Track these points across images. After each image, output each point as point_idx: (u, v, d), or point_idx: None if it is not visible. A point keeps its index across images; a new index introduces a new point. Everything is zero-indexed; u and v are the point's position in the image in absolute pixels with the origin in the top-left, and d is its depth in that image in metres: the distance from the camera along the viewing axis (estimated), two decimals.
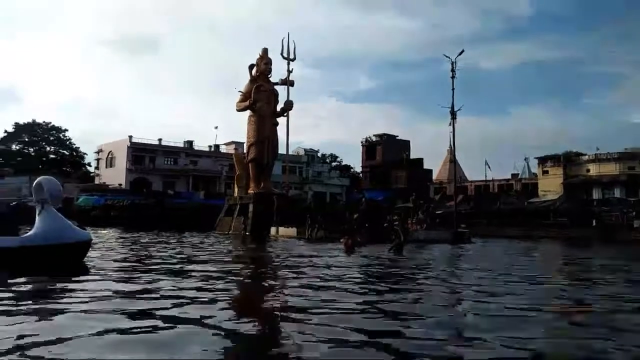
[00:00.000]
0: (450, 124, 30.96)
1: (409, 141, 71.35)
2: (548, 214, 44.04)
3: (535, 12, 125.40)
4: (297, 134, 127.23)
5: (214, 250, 15.14)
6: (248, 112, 30.77)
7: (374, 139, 70.31)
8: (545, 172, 54.10)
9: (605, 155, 50.61)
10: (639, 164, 46.89)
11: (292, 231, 23.66)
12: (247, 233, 26.03)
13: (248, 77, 30.85)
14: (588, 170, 51.47)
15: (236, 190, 31.16)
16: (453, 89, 28.56)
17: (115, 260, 10.70)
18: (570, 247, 24.34)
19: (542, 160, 54.76)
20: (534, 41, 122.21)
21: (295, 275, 9.01)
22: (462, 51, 29.29)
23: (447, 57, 29.04)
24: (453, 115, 28.57)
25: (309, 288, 7.30)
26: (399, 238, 15.21)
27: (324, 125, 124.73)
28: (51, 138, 71.23)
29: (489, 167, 77.41)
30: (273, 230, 25.12)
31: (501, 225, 41.73)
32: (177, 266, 10.03)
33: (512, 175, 62.04)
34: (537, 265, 14.05)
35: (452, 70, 28.64)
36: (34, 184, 8.80)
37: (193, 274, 8.75)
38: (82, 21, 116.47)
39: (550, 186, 51.39)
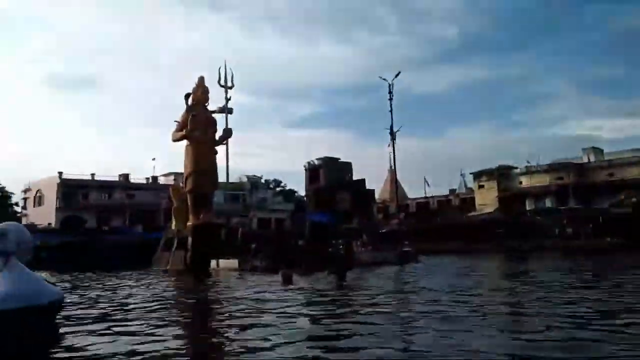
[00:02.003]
0: (389, 145, 31.46)
1: (350, 163, 71.83)
2: (486, 226, 45.43)
3: (463, 35, 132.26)
4: (240, 162, 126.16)
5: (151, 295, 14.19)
6: (185, 142, 29.81)
7: (316, 162, 70.47)
8: (481, 187, 56.20)
9: (536, 167, 53.33)
10: (566, 174, 49.61)
11: (233, 263, 22.83)
12: (184, 268, 24.88)
13: (184, 107, 30.00)
14: (520, 183, 53.96)
15: (174, 223, 29.88)
16: (391, 110, 29.17)
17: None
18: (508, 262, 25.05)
19: (477, 175, 56.91)
20: (464, 63, 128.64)
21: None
22: (399, 73, 30.08)
23: (383, 79, 29.63)
24: (392, 135, 29.07)
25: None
26: (341, 263, 14.93)
27: (267, 153, 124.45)
28: None
29: (428, 184, 79.58)
30: (213, 263, 24.15)
31: (443, 240, 42.59)
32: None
33: (450, 190, 64.09)
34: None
35: (390, 92, 29.25)
36: None
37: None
38: (11, 60, 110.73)
39: (487, 200, 53.40)
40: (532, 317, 7.52)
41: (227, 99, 31.23)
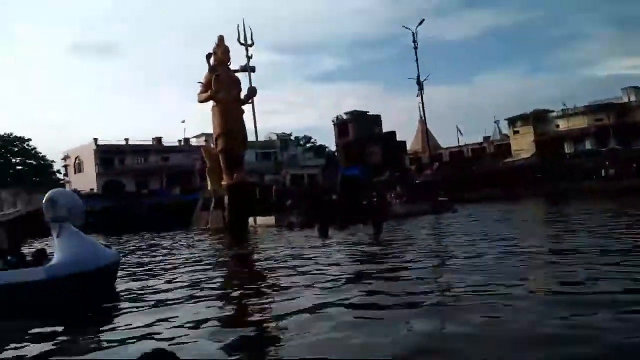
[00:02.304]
0: (418, 95, 30.74)
1: (380, 116, 70.94)
2: (524, 172, 44.41)
3: None
4: (268, 120, 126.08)
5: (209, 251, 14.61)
6: (212, 103, 29.87)
7: (345, 117, 69.75)
8: (516, 133, 54.63)
9: (573, 110, 51.30)
10: (606, 116, 47.58)
11: (270, 220, 23.18)
12: (223, 226, 25.46)
13: (207, 68, 29.88)
14: (558, 127, 52.15)
15: (209, 184, 30.39)
16: (417, 60, 28.26)
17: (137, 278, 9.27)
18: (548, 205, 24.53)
19: (512, 121, 55.22)
20: (491, 7, 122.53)
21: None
22: (423, 21, 29.00)
23: (407, 28, 28.60)
24: (420, 85, 28.31)
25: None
26: (377, 215, 14.89)
27: (294, 110, 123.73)
28: (15, 149, 68.71)
29: (461, 133, 77.78)
30: (251, 220, 24.60)
31: (479, 188, 41.95)
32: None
33: (484, 138, 62.58)
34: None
35: (414, 41, 28.26)
36: (45, 200, 7.37)
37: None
38: (37, 28, 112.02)
39: (523, 145, 51.96)
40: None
41: (249, 58, 30.79)
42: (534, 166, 44.38)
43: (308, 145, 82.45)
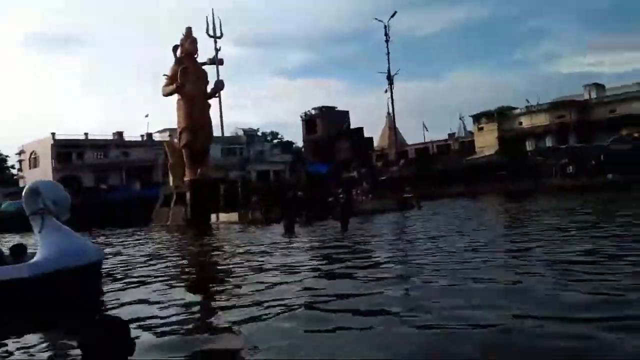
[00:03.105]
0: (386, 90, 30.61)
1: (347, 111, 71.09)
2: (486, 169, 45.05)
3: None
4: (235, 115, 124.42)
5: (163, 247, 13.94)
6: (177, 96, 28.93)
7: (312, 112, 69.45)
8: (480, 129, 55.42)
9: (536, 107, 52.34)
10: (568, 112, 48.73)
11: (233, 216, 22.56)
12: (184, 223, 24.68)
13: (173, 60, 28.92)
14: (521, 123, 53.15)
15: (171, 179, 29.44)
16: (388, 53, 28.14)
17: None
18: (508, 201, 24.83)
19: (477, 118, 55.99)
20: (460, 3, 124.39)
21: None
22: (395, 13, 28.90)
23: (379, 20, 28.36)
24: (390, 79, 28.12)
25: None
26: (342, 212, 14.59)
27: (262, 105, 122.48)
28: None
29: (427, 129, 78.64)
30: (213, 217, 23.91)
31: (444, 184, 42.33)
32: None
33: (449, 135, 63.35)
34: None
35: (386, 35, 28.04)
36: (25, 191, 6.73)
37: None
38: None
39: (487, 142, 52.76)
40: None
41: (217, 49, 29.95)
42: (497, 163, 45.09)
43: (275, 141, 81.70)
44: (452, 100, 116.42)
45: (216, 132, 32.31)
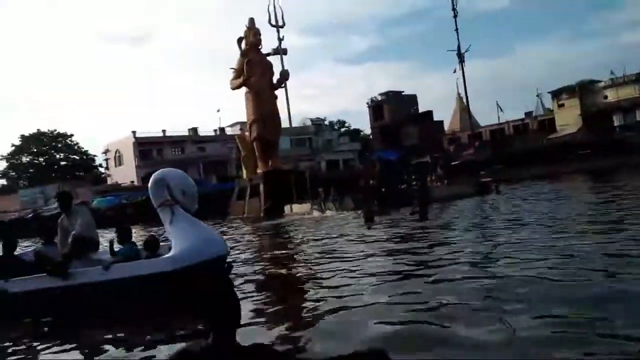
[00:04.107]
0: (454, 71, 29.38)
1: (415, 95, 69.34)
2: (569, 148, 42.31)
3: None
4: (301, 105, 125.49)
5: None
6: (244, 89, 29.49)
7: (379, 98, 68.41)
8: (561, 106, 52.00)
9: (622, 78, 48.26)
10: None
11: (306, 207, 22.72)
12: (262, 214, 25.23)
13: (238, 53, 29.45)
14: (605, 97, 49.28)
15: (244, 172, 30.19)
16: (457, 29, 26.88)
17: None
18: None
19: (556, 94, 52.56)
20: None
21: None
22: None
23: None
24: (460, 57, 26.89)
25: None
26: (419, 200, 14.15)
27: (327, 93, 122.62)
28: (59, 145, 71.00)
29: (501, 109, 75.25)
30: (287, 208, 24.21)
31: (523, 166, 40.34)
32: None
33: (526, 114, 59.98)
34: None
35: (453, 9, 26.82)
36: (152, 181, 6.43)
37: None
38: (66, 17, 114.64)
39: (568, 119, 49.45)
40: None
41: (280, 39, 30.15)
42: (581, 141, 42.19)
43: (342, 130, 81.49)
44: (526, 77, 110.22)
45: (284, 124, 32.72)
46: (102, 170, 67.64)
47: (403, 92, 68.89)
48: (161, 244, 6.86)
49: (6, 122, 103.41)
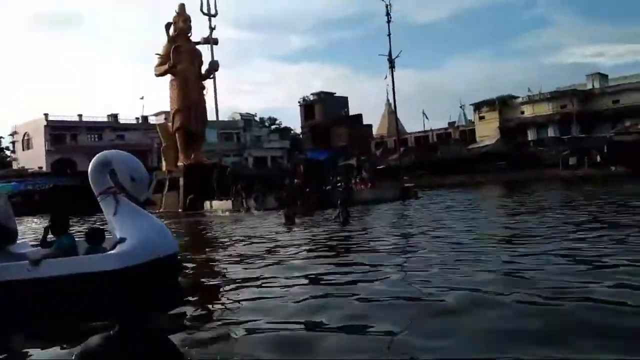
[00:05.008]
0: (385, 77, 29.71)
1: (347, 97, 70.04)
2: (487, 159, 44.40)
3: None
4: (232, 100, 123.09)
5: None
6: (170, 77, 27.99)
7: (311, 97, 68.40)
8: (481, 118, 54.59)
9: (538, 96, 51.43)
10: (570, 102, 47.88)
11: (227, 204, 21.84)
12: (180, 210, 23.97)
13: (166, 39, 27.91)
14: (522, 113, 52.32)
15: (164, 164, 28.66)
16: (389, 35, 27.13)
17: None
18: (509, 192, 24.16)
19: (478, 106, 55.12)
20: None
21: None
22: None
23: None
24: (391, 62, 27.17)
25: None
26: (342, 202, 13.86)
27: (259, 90, 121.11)
28: None
29: (427, 117, 77.95)
30: (207, 204, 23.18)
31: (443, 174, 41.78)
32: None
33: (450, 123, 62.45)
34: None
35: (388, 14, 27.06)
36: (93, 164, 5.57)
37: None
38: None
39: (488, 131, 51.98)
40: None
41: (212, 28, 29.00)
42: (498, 153, 44.45)
43: (273, 127, 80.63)
44: (452, 88, 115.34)
45: (211, 116, 31.49)
46: (7, 153, 62.14)
47: (335, 93, 69.36)
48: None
49: None
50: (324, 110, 65.87)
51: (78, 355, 2.69)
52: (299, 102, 69.69)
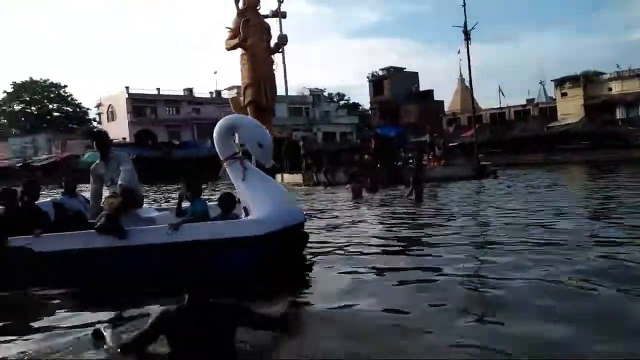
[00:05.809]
0: (459, 52, 28.48)
1: (417, 73, 68.14)
2: (569, 138, 41.82)
3: None
4: (301, 75, 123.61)
5: None
6: (240, 51, 28.31)
7: (380, 73, 67.17)
8: (563, 95, 51.18)
9: (628, 72, 47.41)
10: None
11: (297, 177, 22.16)
12: None
13: (235, 12, 28.12)
14: (610, 90, 48.50)
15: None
16: (464, 5, 25.81)
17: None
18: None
19: (560, 83, 51.65)
20: None
21: None
22: None
23: None
24: (466, 34, 25.89)
25: None
26: (413, 179, 13.57)
27: (328, 66, 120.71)
28: (52, 95, 69.43)
29: (503, 94, 74.29)
30: (278, 177, 23.61)
31: (520, 152, 39.95)
32: None
33: (528, 100, 59.16)
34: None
35: None
36: (218, 129, 5.53)
37: None
38: None
39: (570, 109, 48.72)
40: None
41: (280, 1, 28.67)
42: (581, 132, 41.69)
43: (341, 102, 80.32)
44: (529, 64, 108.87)
45: (281, 91, 31.66)
46: (94, 124, 66.42)
47: (405, 68, 67.68)
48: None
49: None
50: (393, 86, 64.57)
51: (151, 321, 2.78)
52: (367, 77, 68.71)
